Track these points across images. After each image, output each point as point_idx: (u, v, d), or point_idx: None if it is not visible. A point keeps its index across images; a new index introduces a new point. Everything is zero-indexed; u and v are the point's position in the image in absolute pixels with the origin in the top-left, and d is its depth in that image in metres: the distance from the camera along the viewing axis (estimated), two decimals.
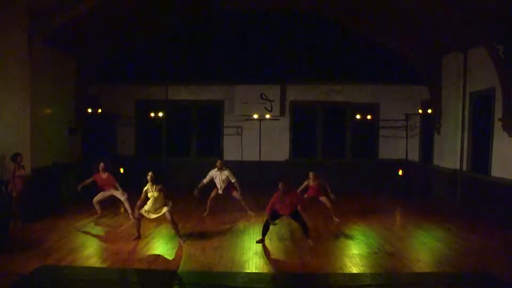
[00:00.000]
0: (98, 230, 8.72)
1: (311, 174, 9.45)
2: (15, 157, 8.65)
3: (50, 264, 6.53)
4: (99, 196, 9.45)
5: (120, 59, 13.63)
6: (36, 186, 9.87)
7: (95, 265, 6.57)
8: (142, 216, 7.84)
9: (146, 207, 7.80)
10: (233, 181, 9.91)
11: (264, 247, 7.65)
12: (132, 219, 9.02)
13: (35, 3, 9.43)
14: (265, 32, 13.46)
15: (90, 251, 7.30)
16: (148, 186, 7.80)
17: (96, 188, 9.48)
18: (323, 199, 9.45)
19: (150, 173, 7.84)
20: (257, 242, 7.84)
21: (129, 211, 9.36)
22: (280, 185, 7.67)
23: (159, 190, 7.75)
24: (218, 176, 9.93)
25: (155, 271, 6.39)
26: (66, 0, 9.59)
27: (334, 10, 13.03)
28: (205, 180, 10.03)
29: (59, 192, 11.37)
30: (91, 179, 9.39)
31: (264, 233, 7.88)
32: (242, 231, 8.80)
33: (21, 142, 9.40)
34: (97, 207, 9.44)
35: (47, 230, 8.46)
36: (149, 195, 7.80)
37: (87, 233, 8.46)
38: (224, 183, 9.93)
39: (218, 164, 9.97)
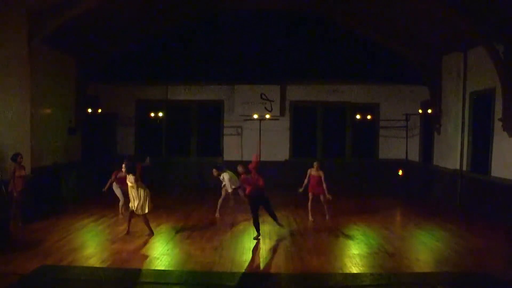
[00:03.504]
0: (98, 230, 8.71)
1: (315, 163, 9.51)
2: (15, 157, 8.63)
3: (50, 264, 6.52)
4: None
5: (120, 59, 13.61)
6: (36, 186, 9.86)
7: (95, 265, 6.56)
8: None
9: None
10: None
11: (264, 247, 7.65)
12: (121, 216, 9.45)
13: (35, 3, 9.43)
14: (265, 32, 13.45)
15: (90, 251, 7.29)
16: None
17: (96, 188, 9.46)
18: (322, 197, 9.45)
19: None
20: (254, 238, 8.03)
21: (120, 210, 9.66)
22: (239, 168, 8.48)
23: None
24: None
25: (155, 271, 6.39)
26: (66, 0, 9.59)
27: (334, 10, 13.03)
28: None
29: (59, 192, 11.36)
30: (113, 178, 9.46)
31: (257, 228, 8.14)
32: (242, 231, 8.79)
33: (21, 142, 9.39)
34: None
35: (47, 230, 8.45)
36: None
37: (87, 233, 8.47)
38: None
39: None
